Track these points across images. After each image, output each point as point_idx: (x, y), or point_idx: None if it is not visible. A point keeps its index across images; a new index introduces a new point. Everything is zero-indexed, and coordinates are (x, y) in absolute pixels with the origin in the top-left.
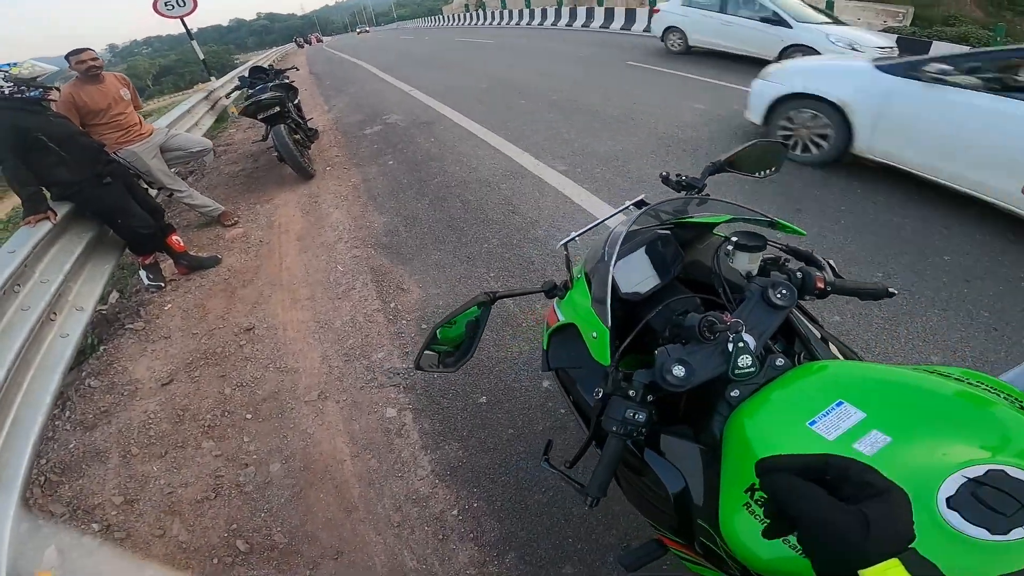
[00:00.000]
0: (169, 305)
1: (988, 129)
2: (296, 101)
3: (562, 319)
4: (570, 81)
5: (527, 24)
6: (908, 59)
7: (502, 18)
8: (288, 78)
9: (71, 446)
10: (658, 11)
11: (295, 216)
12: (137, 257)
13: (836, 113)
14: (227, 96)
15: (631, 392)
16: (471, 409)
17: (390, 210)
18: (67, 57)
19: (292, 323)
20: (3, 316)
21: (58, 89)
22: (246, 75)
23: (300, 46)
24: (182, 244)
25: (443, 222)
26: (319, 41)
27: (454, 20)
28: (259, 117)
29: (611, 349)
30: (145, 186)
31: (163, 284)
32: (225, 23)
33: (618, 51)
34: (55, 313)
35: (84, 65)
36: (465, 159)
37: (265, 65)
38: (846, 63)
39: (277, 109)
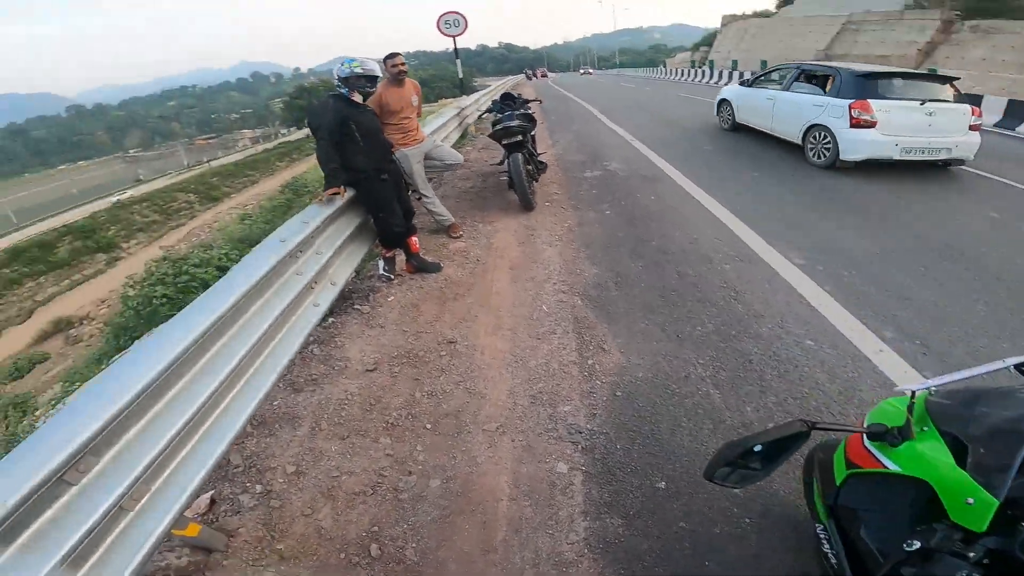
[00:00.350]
0: (392, 297)
1: (776, 105)
2: (533, 132)
3: (893, 468)
4: None
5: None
6: (747, 77)
7: (730, 78)
8: (531, 109)
9: (275, 403)
10: None
11: (511, 244)
12: (382, 248)
13: (730, 105)
14: (480, 117)
15: (969, 553)
16: (646, 490)
17: (602, 262)
18: (384, 59)
19: (490, 348)
20: (284, 275)
21: (360, 92)
22: (497, 99)
23: (529, 78)
24: (417, 245)
25: (656, 290)
26: (544, 76)
27: (676, 74)
28: (503, 142)
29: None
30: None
31: (393, 277)
32: (473, 47)
33: None
34: (315, 283)
35: (396, 68)
36: (687, 226)
37: (514, 94)
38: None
39: (520, 138)
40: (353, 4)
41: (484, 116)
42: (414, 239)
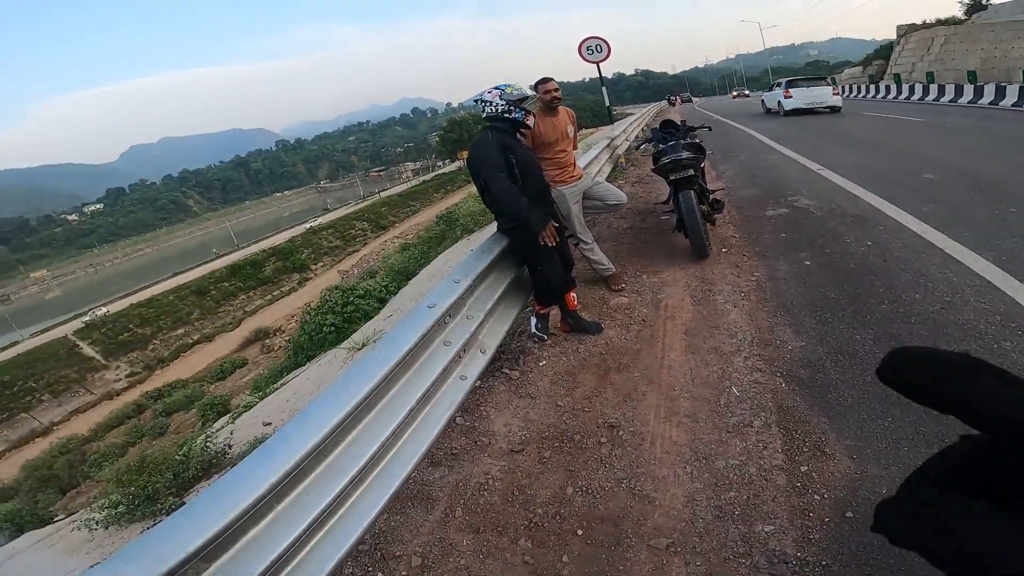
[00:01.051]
0: (544, 362)
1: (769, 96)
2: (703, 165)
3: None
4: None
5: (934, 101)
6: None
7: (899, 92)
8: (698, 137)
9: (411, 478)
10: None
11: (684, 301)
12: (536, 304)
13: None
14: (635, 148)
15: None
16: None
17: (810, 331)
18: (535, 85)
19: (662, 439)
20: (430, 346)
21: (534, 114)
22: (656, 127)
23: (672, 104)
24: (575, 302)
25: None
26: (687, 102)
27: (848, 91)
28: (670, 178)
29: None
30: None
31: (546, 337)
32: (609, 75)
33: None
34: (464, 351)
35: (549, 95)
36: (929, 284)
37: (676, 120)
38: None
39: (691, 172)
40: (493, 40)
41: (640, 147)
42: (572, 294)
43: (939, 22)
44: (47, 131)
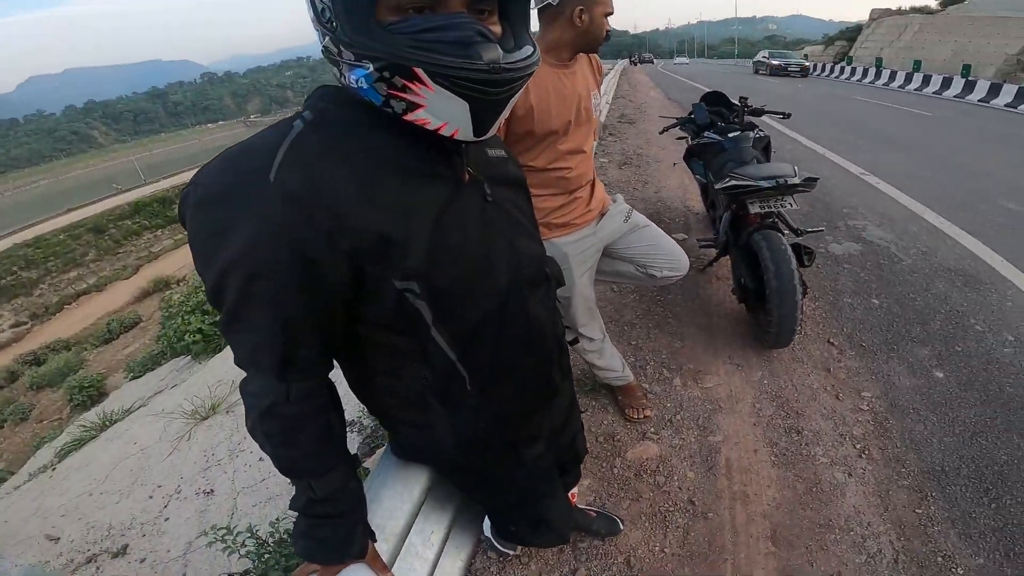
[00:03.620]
0: None
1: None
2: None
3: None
4: None
5: (916, 89)
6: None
7: (878, 77)
8: (759, 130)
9: None
10: None
11: (759, 452)
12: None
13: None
14: (660, 133)
15: None
16: None
17: (989, 537)
18: None
19: None
20: None
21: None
22: (700, 103)
23: (634, 63)
24: (575, 495)
25: None
26: (643, 63)
27: (812, 69)
28: (733, 209)
29: None
30: None
31: (512, 552)
32: None
33: None
34: None
35: (598, 16)
36: None
37: (734, 99)
38: None
39: (784, 206)
40: None
41: (665, 131)
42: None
43: (913, 10)
44: None
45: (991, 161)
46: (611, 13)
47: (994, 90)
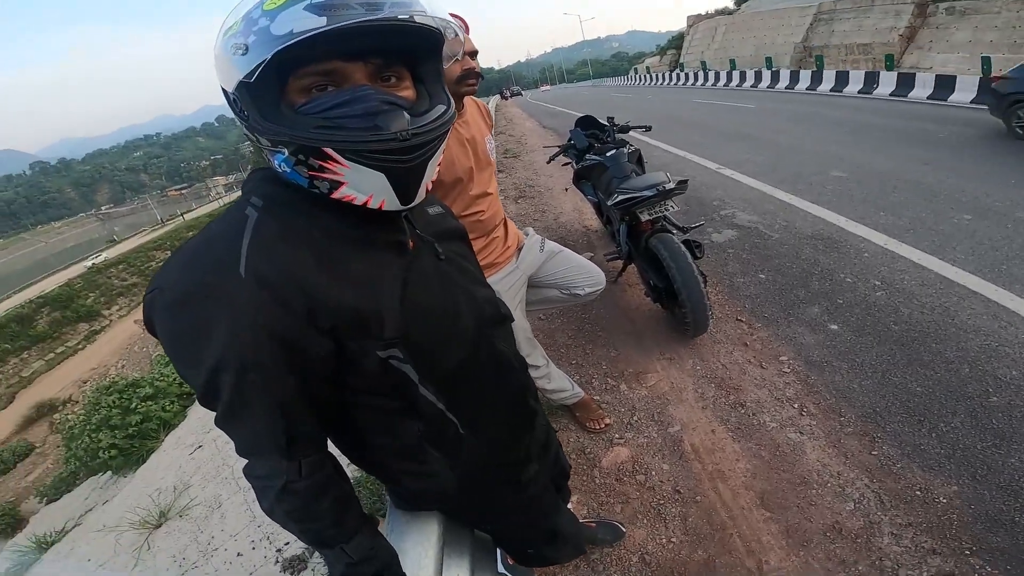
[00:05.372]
0: None
1: None
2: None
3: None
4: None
5: (737, 85)
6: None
7: (707, 79)
8: (630, 145)
9: None
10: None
11: (716, 432)
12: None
13: None
14: (547, 162)
15: None
16: None
17: (946, 461)
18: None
19: None
20: None
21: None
22: (577, 127)
23: (505, 98)
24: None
25: None
26: (513, 95)
27: (653, 80)
28: (627, 221)
29: None
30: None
31: None
32: None
33: (936, 125)
34: None
35: (461, 72)
36: (1001, 345)
37: (602, 120)
38: None
39: (670, 209)
40: None
41: (551, 160)
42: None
43: (718, 12)
44: None
45: (809, 140)
46: (459, 55)
47: (794, 77)
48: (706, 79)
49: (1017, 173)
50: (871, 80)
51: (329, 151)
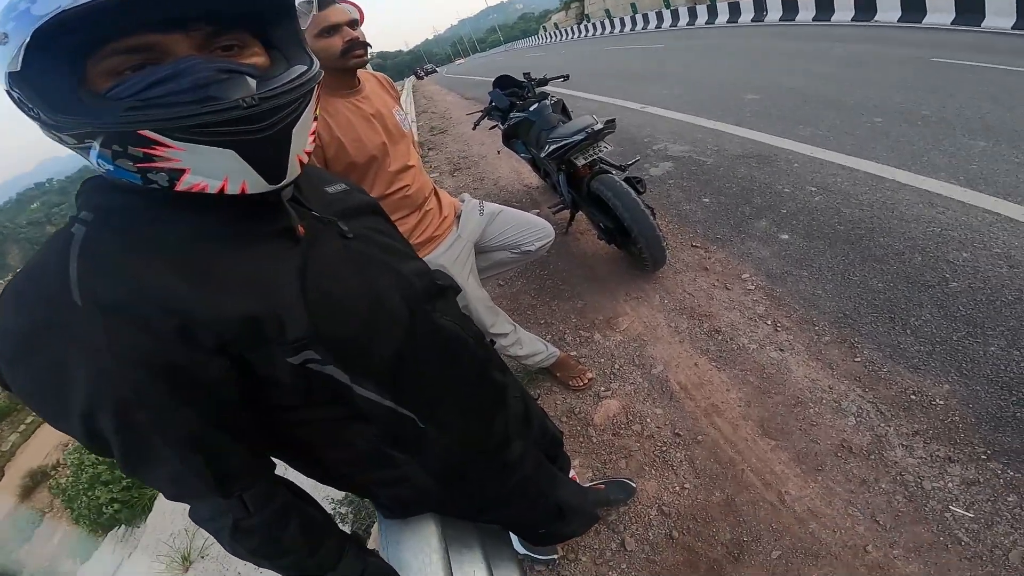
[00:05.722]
0: None
1: None
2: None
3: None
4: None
5: (643, 29)
6: None
7: (613, 27)
8: (552, 96)
9: None
10: None
11: (699, 365)
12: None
13: None
14: (473, 128)
15: None
16: None
17: (932, 358)
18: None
19: None
20: None
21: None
22: (496, 88)
23: (419, 78)
24: (575, 477)
25: None
26: (427, 74)
27: (563, 35)
28: (564, 169)
29: None
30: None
31: (555, 557)
32: None
33: (829, 43)
34: None
35: (339, 41)
36: (952, 235)
37: (519, 78)
38: None
39: (605, 149)
40: None
41: (476, 125)
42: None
43: None
44: None
45: (720, 70)
46: (334, 27)
47: (692, 14)
48: (612, 27)
49: (912, 76)
50: (760, 8)
51: (149, 134)
